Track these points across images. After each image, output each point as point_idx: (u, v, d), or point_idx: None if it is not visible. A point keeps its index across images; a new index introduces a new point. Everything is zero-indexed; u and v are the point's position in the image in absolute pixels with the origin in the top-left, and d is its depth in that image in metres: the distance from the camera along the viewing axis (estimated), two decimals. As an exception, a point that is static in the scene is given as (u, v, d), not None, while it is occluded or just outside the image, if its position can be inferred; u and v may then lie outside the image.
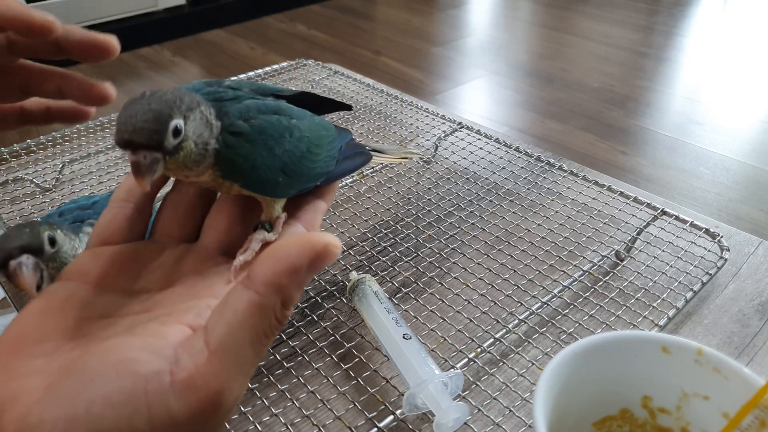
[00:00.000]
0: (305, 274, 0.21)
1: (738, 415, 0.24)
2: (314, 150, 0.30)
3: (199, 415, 0.21)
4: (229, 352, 0.21)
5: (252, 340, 0.21)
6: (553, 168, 0.56)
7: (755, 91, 1.95)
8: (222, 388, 0.21)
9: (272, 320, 0.22)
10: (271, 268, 0.21)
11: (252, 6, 2.65)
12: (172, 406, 0.20)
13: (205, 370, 0.21)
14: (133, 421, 0.20)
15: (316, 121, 0.32)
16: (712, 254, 0.45)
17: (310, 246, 0.21)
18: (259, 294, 0.21)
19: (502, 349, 0.39)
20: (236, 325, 0.21)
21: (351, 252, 0.47)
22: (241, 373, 0.21)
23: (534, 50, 2.33)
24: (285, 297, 0.22)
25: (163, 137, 0.23)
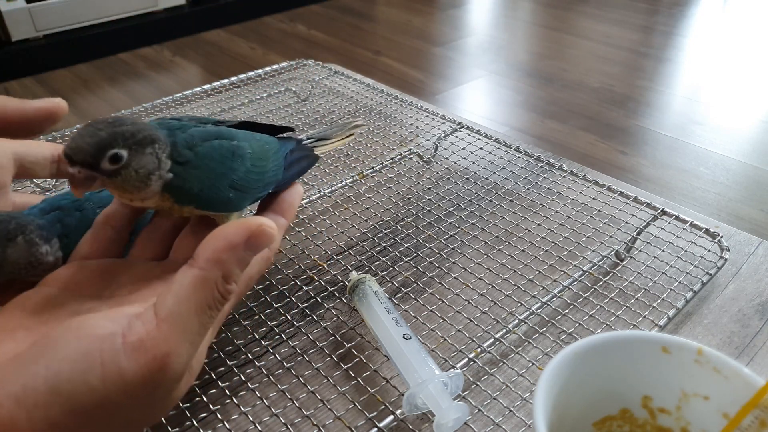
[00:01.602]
0: (243, 251, 0.25)
1: (738, 415, 0.24)
2: (258, 163, 0.34)
3: (148, 376, 0.23)
4: (176, 320, 0.24)
5: (197, 310, 0.24)
6: (553, 168, 0.56)
7: (755, 91, 1.95)
8: (169, 351, 0.23)
9: (215, 292, 0.25)
10: (211, 246, 0.25)
11: (252, 6, 2.65)
12: (122, 365, 0.23)
13: (154, 335, 0.23)
14: (87, 376, 0.22)
15: (257, 138, 0.35)
16: (712, 254, 0.45)
17: (246, 227, 0.25)
18: (201, 269, 0.24)
19: (502, 349, 0.39)
20: (182, 296, 0.24)
21: (351, 252, 0.47)
22: (186, 340, 0.24)
23: (534, 50, 2.33)
24: (225, 271, 0.25)
25: (99, 161, 0.27)
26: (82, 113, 1.88)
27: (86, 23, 2.27)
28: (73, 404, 0.22)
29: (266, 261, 0.32)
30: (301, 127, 0.65)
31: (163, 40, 2.43)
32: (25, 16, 2.12)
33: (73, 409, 0.22)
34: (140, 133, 0.28)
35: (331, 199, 0.53)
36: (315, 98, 0.72)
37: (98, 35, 2.27)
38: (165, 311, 0.24)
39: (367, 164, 0.58)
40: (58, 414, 0.22)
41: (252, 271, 0.31)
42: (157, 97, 0.70)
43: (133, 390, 0.23)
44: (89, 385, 0.22)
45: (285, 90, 0.73)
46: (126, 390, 0.23)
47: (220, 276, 0.25)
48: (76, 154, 0.27)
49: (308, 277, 0.45)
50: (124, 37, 2.34)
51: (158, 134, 0.29)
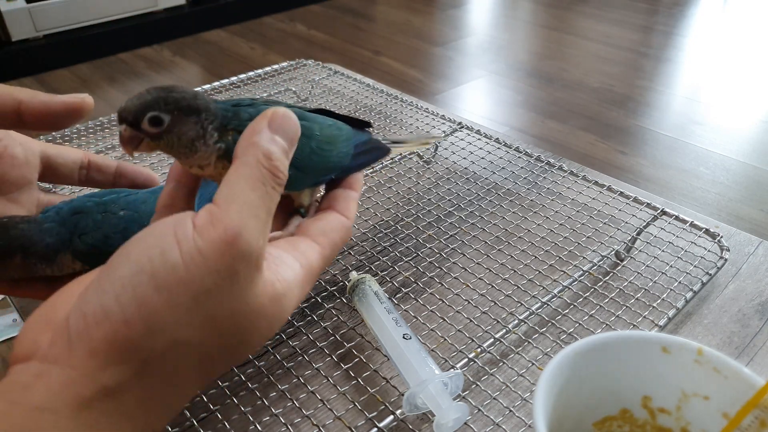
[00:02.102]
0: (270, 133, 0.27)
1: (738, 415, 0.24)
2: (325, 147, 0.34)
3: (225, 248, 0.24)
4: (234, 198, 0.25)
5: (251, 186, 0.26)
6: (553, 168, 0.56)
7: (755, 91, 1.95)
8: (237, 223, 0.24)
9: (261, 168, 0.26)
10: (242, 139, 0.27)
11: (252, 6, 2.65)
12: (198, 242, 0.23)
13: (219, 214, 0.24)
14: (167, 255, 0.23)
15: (329, 123, 0.35)
16: (712, 254, 0.45)
17: (263, 116, 0.27)
18: (239, 157, 0.26)
19: (502, 349, 0.39)
20: (232, 180, 0.26)
21: (351, 252, 0.47)
22: (251, 214, 0.25)
23: (534, 50, 2.33)
24: (262, 151, 0.26)
25: (140, 121, 0.28)
26: (82, 113, 1.87)
27: (86, 23, 2.26)
28: (158, 282, 0.23)
29: (345, 230, 0.32)
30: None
31: (163, 40, 2.43)
32: (25, 16, 2.12)
33: (159, 286, 0.23)
34: (186, 100, 0.28)
35: (331, 199, 0.53)
36: (315, 98, 0.72)
37: (98, 35, 2.27)
38: (221, 197, 0.25)
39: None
40: (146, 291, 0.23)
41: (335, 237, 0.31)
42: (157, 97, 0.70)
43: (212, 263, 0.23)
44: (171, 262, 0.23)
45: (285, 90, 0.73)
46: (207, 265, 0.23)
47: (259, 154, 0.26)
48: (122, 112, 0.28)
49: (308, 277, 0.45)
50: (124, 37, 2.34)
51: (208, 105, 0.29)
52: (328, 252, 0.31)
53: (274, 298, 0.26)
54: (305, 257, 0.29)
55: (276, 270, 0.27)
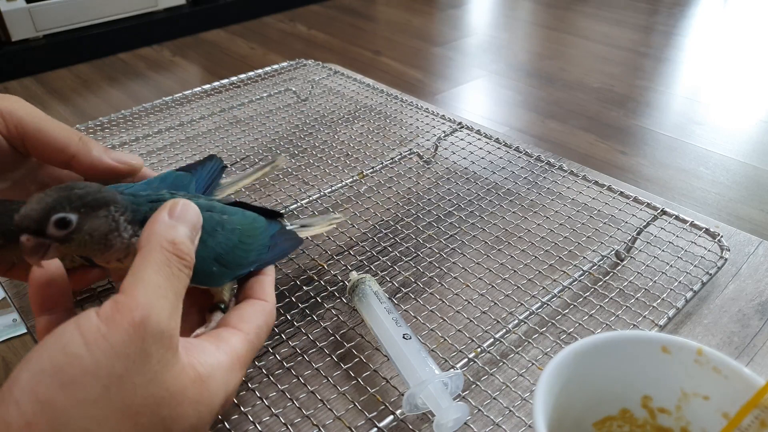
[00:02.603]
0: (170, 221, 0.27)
1: (738, 415, 0.24)
2: (246, 240, 0.34)
3: (132, 331, 0.22)
4: (139, 283, 0.24)
5: (156, 269, 0.25)
6: (553, 168, 0.56)
7: (755, 91, 1.95)
8: (143, 306, 0.23)
9: (165, 252, 0.26)
10: (144, 230, 0.27)
11: (252, 6, 2.65)
12: (103, 331, 0.22)
13: (124, 300, 0.23)
14: (69, 347, 0.22)
15: (246, 215, 0.36)
16: (712, 254, 0.45)
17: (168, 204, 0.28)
18: (143, 247, 0.26)
19: (502, 349, 0.39)
20: (136, 267, 0.25)
21: (351, 252, 0.47)
22: (159, 296, 0.24)
23: (534, 50, 2.33)
24: (164, 237, 0.26)
25: (45, 226, 0.26)
26: (82, 113, 1.88)
27: (86, 23, 2.26)
28: (62, 377, 0.21)
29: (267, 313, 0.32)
30: (301, 127, 0.65)
31: (163, 40, 2.43)
32: (25, 16, 2.12)
33: (64, 382, 0.21)
34: (91, 195, 0.27)
35: (331, 199, 0.53)
36: (315, 98, 0.72)
37: (98, 35, 2.27)
38: (125, 284, 0.24)
39: (367, 164, 0.58)
40: (48, 390, 0.21)
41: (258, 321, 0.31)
42: (157, 97, 0.70)
43: (121, 348, 0.22)
44: (74, 354, 0.21)
45: (285, 90, 0.73)
46: (115, 351, 0.22)
47: (162, 240, 0.26)
48: (22, 220, 0.26)
49: (308, 277, 0.45)
50: (124, 37, 2.34)
51: (115, 196, 0.28)
52: (253, 337, 0.30)
53: (196, 381, 0.25)
54: (228, 344, 0.28)
55: (196, 355, 0.26)
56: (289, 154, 0.60)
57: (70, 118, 1.81)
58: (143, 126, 0.65)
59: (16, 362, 1.11)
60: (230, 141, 0.63)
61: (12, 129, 0.32)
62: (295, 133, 0.64)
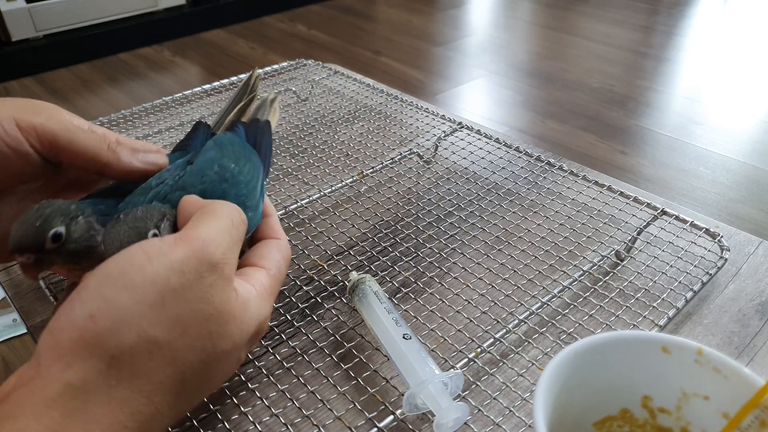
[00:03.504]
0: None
1: (738, 415, 0.24)
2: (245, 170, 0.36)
3: (190, 252, 0.25)
4: (201, 222, 0.27)
5: (218, 214, 0.28)
6: (553, 168, 0.56)
7: (755, 91, 1.95)
8: (203, 236, 0.26)
9: (229, 207, 0.29)
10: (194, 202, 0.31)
11: (252, 6, 2.65)
12: (164, 248, 0.25)
13: (185, 233, 0.26)
14: (133, 259, 0.24)
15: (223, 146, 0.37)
16: (712, 254, 0.45)
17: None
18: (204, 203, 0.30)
19: (502, 349, 0.39)
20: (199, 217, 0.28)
21: (351, 252, 0.47)
22: (219, 232, 0.27)
23: (534, 50, 2.33)
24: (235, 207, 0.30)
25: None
26: (82, 113, 1.86)
27: (86, 23, 2.26)
28: (125, 280, 0.23)
29: (282, 247, 0.34)
30: (301, 127, 0.65)
31: (163, 40, 2.43)
32: (25, 16, 2.12)
33: (126, 285, 0.23)
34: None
35: (331, 199, 0.53)
36: (315, 98, 0.72)
37: (98, 35, 2.27)
38: (189, 224, 0.27)
39: (367, 164, 0.58)
40: (112, 290, 0.23)
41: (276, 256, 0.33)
42: (157, 97, 0.70)
43: (179, 266, 0.24)
44: (136, 264, 0.24)
45: (285, 90, 0.73)
46: (173, 265, 0.24)
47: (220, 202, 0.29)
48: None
49: (308, 277, 0.45)
50: (124, 37, 2.34)
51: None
52: (275, 271, 0.32)
53: (241, 304, 0.27)
54: (254, 278, 0.30)
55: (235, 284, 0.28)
56: (289, 154, 0.60)
57: (70, 118, 1.80)
58: (143, 126, 0.65)
59: (17, 362, 1.11)
60: (230, 141, 0.63)
61: (45, 144, 0.34)
62: (295, 133, 0.64)
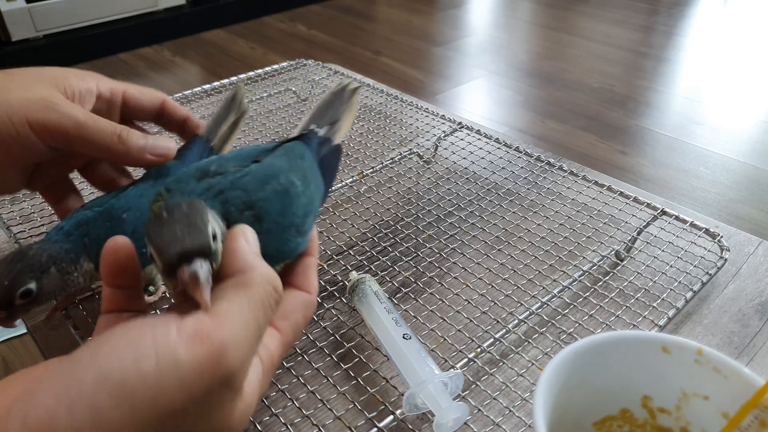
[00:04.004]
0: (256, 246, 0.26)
1: (738, 415, 0.24)
2: (307, 191, 0.32)
3: (205, 366, 0.21)
4: (229, 314, 0.23)
5: (250, 307, 0.24)
6: (553, 168, 0.56)
7: (755, 91, 1.95)
8: (226, 341, 0.22)
9: (264, 286, 0.25)
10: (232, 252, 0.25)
11: (252, 6, 2.65)
12: (178, 353, 0.21)
13: (208, 326, 0.22)
14: (140, 363, 0.21)
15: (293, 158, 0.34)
16: (712, 254, 0.45)
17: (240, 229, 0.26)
18: (239, 273, 0.25)
19: (502, 349, 0.39)
20: (231, 295, 0.24)
21: (351, 252, 0.47)
22: (243, 335, 0.23)
23: (534, 50, 2.33)
24: (262, 266, 0.25)
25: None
26: (82, 113, 1.87)
27: (86, 23, 2.26)
28: (123, 393, 0.20)
29: (309, 306, 0.30)
30: (301, 127, 0.65)
31: (163, 40, 2.43)
32: (25, 16, 2.12)
33: (123, 400, 0.20)
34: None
35: (331, 199, 0.53)
36: (315, 98, 0.72)
37: (98, 35, 2.27)
38: (215, 308, 0.23)
39: (367, 164, 0.58)
40: (105, 404, 0.20)
41: (297, 318, 0.29)
42: (157, 97, 0.70)
43: (189, 382, 0.21)
44: (142, 372, 0.20)
45: (285, 90, 0.73)
46: (182, 382, 0.21)
47: (263, 269, 0.25)
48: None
49: (308, 277, 0.45)
50: (124, 37, 2.34)
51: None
52: (291, 337, 0.29)
53: (240, 403, 0.25)
54: (266, 350, 0.27)
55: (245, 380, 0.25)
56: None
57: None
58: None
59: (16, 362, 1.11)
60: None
61: (58, 140, 0.35)
62: (295, 133, 0.64)
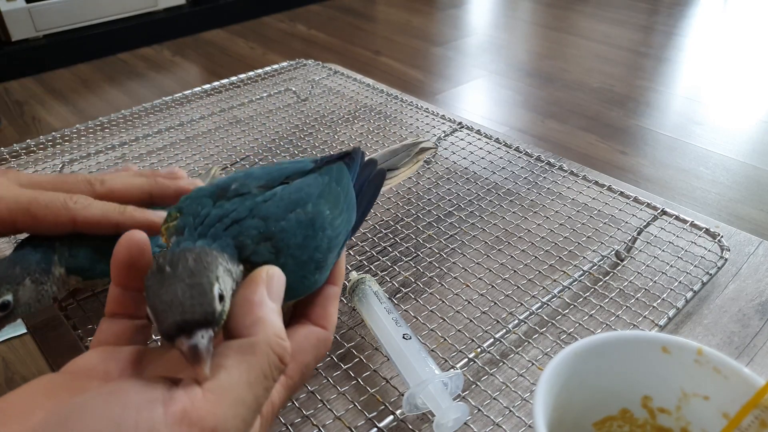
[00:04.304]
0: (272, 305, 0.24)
1: (738, 415, 0.24)
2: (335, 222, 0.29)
3: None
4: (226, 390, 0.21)
5: (249, 379, 0.21)
6: (553, 168, 0.56)
7: (755, 91, 1.95)
8: (216, 426, 0.20)
9: (271, 354, 0.22)
10: (243, 311, 0.23)
11: (252, 6, 2.65)
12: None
13: (200, 405, 0.20)
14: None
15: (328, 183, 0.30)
16: (712, 254, 0.45)
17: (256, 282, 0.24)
18: (246, 334, 0.22)
19: (502, 349, 0.38)
20: (232, 364, 0.21)
21: (351, 252, 0.47)
22: (237, 415, 0.21)
23: (534, 50, 2.33)
24: (272, 328, 0.23)
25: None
26: (82, 113, 1.87)
27: (86, 23, 2.26)
28: None
29: (322, 344, 0.27)
30: (301, 127, 0.65)
31: (163, 40, 2.43)
32: (25, 16, 2.12)
33: None
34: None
35: (331, 199, 0.53)
36: (315, 98, 0.72)
37: (98, 35, 2.27)
38: (211, 385, 0.21)
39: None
40: None
41: (307, 359, 0.27)
42: (157, 97, 0.70)
43: None
44: None
45: (285, 90, 0.73)
46: None
47: (270, 335, 0.22)
48: None
49: (308, 277, 0.45)
50: (124, 37, 2.33)
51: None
52: (298, 380, 0.26)
53: None
54: (267, 400, 0.24)
55: None
56: (289, 155, 0.60)
57: (70, 118, 1.81)
58: (143, 126, 0.65)
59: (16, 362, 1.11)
60: (230, 141, 0.63)
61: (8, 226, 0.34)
62: (295, 133, 0.64)
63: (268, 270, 0.24)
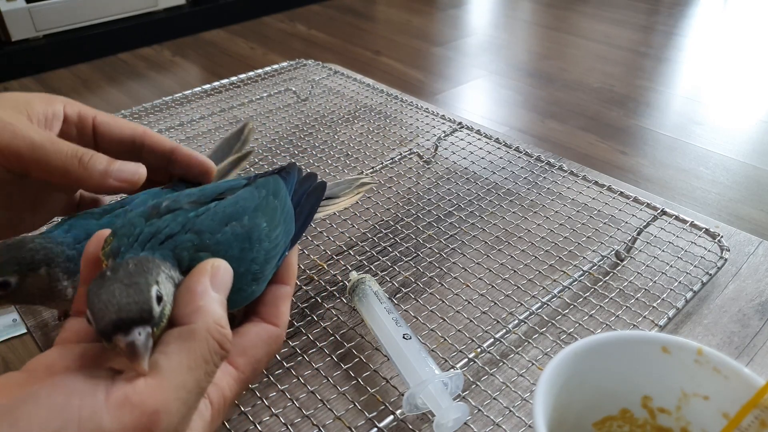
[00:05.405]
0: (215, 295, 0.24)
1: (738, 415, 0.24)
2: (272, 235, 0.30)
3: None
4: (165, 375, 0.21)
5: (189, 363, 0.22)
6: (553, 168, 0.56)
7: (755, 91, 1.95)
8: (158, 409, 0.20)
9: (210, 340, 0.23)
10: (185, 300, 0.24)
11: (252, 6, 2.65)
12: (104, 424, 0.20)
13: (141, 390, 0.20)
14: (66, 426, 0.19)
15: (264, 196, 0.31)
16: (712, 254, 0.45)
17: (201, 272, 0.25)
18: (184, 323, 0.23)
19: (502, 349, 0.39)
20: (172, 349, 0.22)
21: (351, 252, 0.47)
22: (179, 398, 0.21)
23: (534, 50, 2.33)
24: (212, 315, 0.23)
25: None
26: (82, 113, 1.87)
27: (86, 23, 2.26)
28: None
29: (273, 341, 0.28)
30: (301, 127, 0.65)
31: (163, 40, 2.43)
32: (25, 16, 2.12)
33: None
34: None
35: (331, 199, 0.53)
36: (315, 98, 0.72)
37: (98, 35, 2.27)
38: (153, 364, 0.21)
39: (367, 164, 0.58)
40: None
41: (258, 354, 0.27)
42: (157, 97, 0.70)
43: None
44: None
45: (285, 90, 0.73)
46: None
47: (210, 322, 0.23)
48: None
49: (308, 277, 0.45)
50: (124, 37, 2.34)
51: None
52: (249, 375, 0.27)
53: None
54: (218, 390, 0.25)
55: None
56: (289, 155, 0.60)
57: (70, 118, 1.80)
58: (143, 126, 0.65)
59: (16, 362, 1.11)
60: (230, 141, 0.63)
61: (12, 162, 0.31)
62: (295, 133, 0.64)
63: (213, 262, 0.25)
